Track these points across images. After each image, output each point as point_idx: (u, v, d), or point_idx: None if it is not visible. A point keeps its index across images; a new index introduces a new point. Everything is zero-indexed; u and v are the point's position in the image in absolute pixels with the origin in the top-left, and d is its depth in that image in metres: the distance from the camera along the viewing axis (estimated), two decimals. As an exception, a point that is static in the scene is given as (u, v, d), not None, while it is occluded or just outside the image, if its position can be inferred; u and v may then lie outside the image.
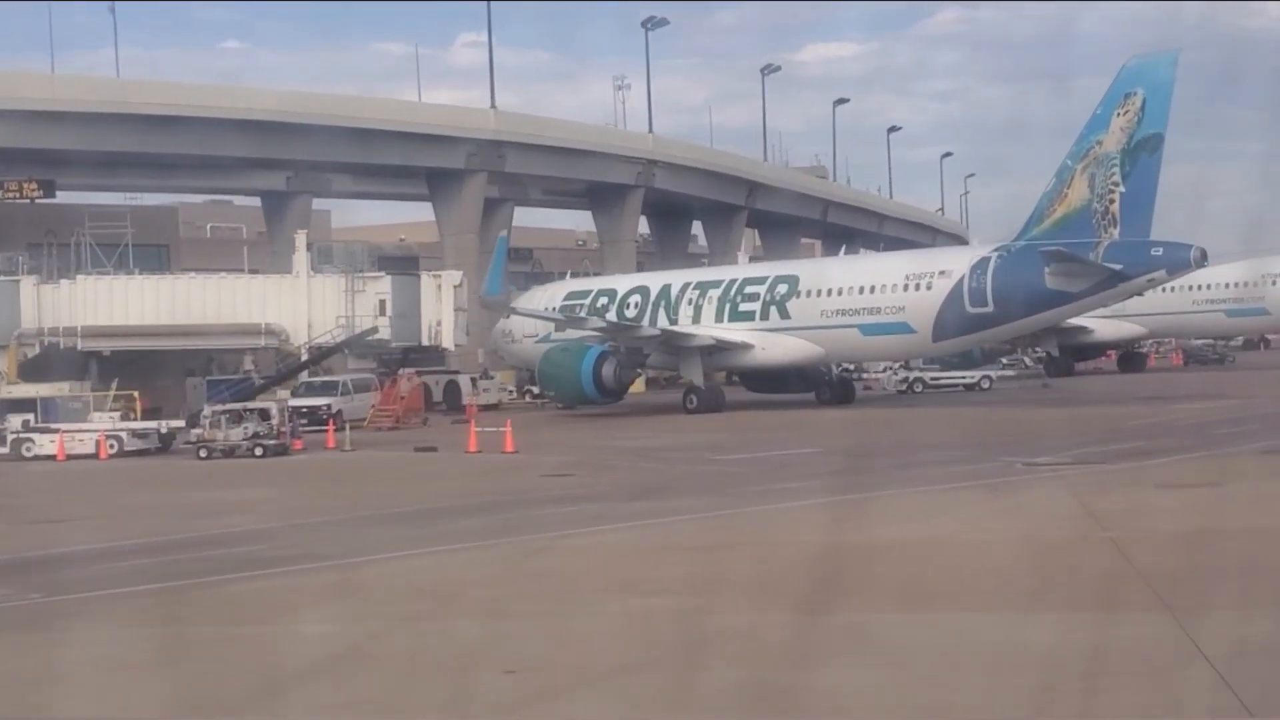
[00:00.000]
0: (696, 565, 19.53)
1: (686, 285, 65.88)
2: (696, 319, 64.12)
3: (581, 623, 16.36)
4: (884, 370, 75.59)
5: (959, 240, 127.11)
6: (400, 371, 63.03)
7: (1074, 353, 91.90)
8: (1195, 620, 14.24)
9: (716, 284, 65.05)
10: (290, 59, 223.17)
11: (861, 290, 60.08)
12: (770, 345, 61.96)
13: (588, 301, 68.02)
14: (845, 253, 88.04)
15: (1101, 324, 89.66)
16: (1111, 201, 53.74)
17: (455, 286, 68.42)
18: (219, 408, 45.13)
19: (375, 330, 65.27)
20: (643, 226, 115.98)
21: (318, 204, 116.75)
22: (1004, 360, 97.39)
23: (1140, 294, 62.65)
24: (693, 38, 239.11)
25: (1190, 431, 40.39)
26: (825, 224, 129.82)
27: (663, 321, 64.84)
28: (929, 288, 57.89)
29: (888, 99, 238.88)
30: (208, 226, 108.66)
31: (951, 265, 58.06)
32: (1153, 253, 53.52)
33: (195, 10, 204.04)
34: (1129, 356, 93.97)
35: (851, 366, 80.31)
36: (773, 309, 62.16)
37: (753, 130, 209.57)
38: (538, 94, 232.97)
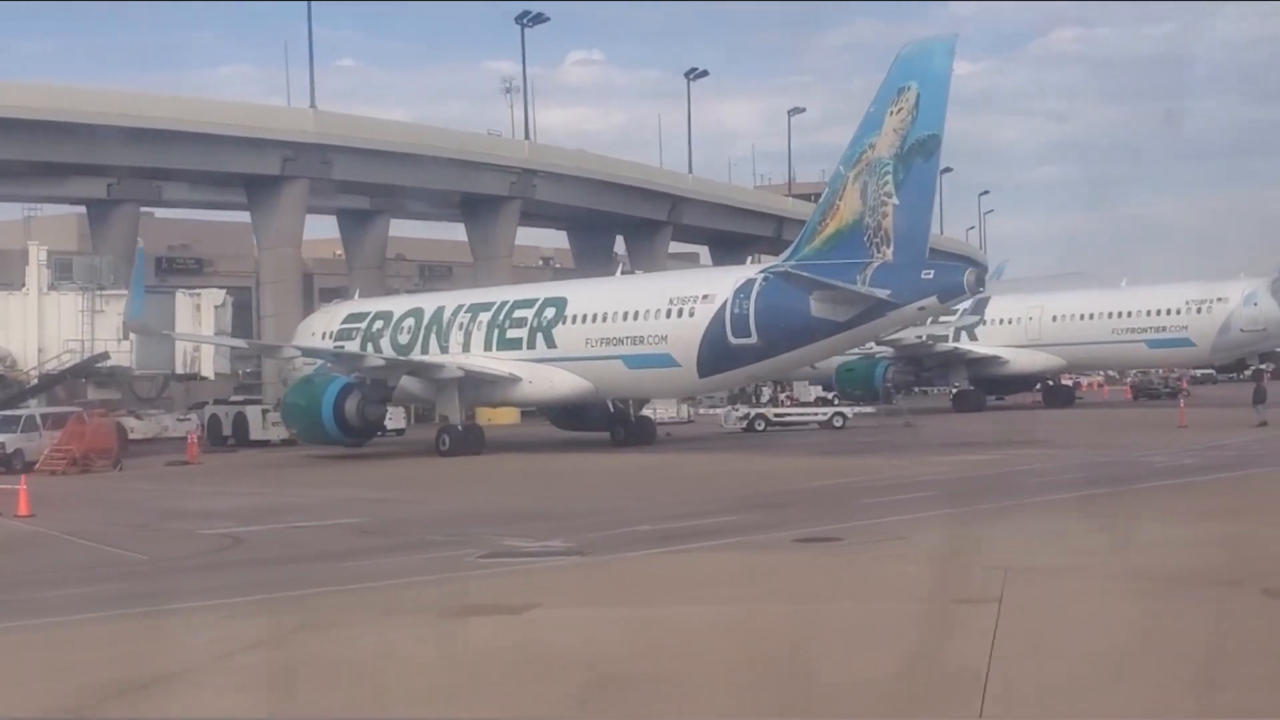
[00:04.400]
0: None
1: (459, 308, 57.89)
2: (467, 346, 56.29)
3: None
4: (717, 405, 67.00)
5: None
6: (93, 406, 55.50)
7: (994, 385, 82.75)
8: None
9: (487, 307, 57.02)
10: (403, 78, 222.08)
11: (625, 316, 51.94)
12: (537, 378, 53.98)
13: (364, 325, 60.40)
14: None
15: (1017, 354, 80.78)
16: (884, 215, 45.23)
17: (217, 307, 61.16)
18: None
19: (106, 356, 57.97)
20: (564, 241, 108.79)
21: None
22: (937, 390, 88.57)
23: (916, 324, 54.03)
24: (802, 56, 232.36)
25: (833, 499, 32.00)
26: (787, 242, 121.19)
27: (434, 349, 57.12)
28: (691, 315, 49.74)
29: (998, 119, 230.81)
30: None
31: (715, 289, 49.73)
32: (923, 276, 44.93)
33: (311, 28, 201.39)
34: (1055, 390, 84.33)
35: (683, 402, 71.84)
36: (539, 336, 54.23)
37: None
38: (644, 111, 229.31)
